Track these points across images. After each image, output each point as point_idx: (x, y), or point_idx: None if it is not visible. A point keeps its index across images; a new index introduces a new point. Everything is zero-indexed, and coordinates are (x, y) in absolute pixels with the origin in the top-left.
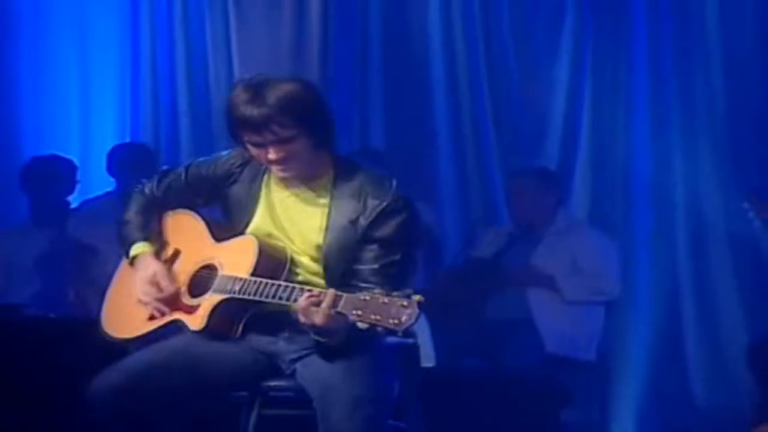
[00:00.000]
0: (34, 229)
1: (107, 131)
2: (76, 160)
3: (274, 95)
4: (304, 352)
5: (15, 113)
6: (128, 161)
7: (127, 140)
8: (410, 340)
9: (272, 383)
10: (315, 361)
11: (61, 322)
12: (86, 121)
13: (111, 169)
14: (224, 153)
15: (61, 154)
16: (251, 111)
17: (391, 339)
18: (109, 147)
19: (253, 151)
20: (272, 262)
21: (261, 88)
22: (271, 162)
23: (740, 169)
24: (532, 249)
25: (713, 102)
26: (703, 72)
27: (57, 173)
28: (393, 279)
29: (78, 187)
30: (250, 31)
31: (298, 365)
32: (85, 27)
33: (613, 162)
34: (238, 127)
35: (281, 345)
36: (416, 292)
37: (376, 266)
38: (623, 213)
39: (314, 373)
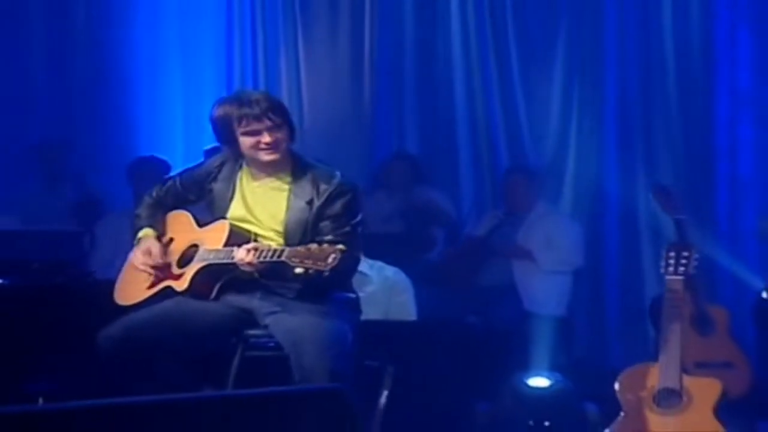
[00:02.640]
0: None
1: (204, 136)
2: (170, 160)
3: (262, 98)
4: (276, 308)
5: (134, 121)
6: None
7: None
8: (353, 295)
9: (252, 332)
10: (286, 316)
11: None
12: (188, 128)
13: None
14: (207, 160)
15: (160, 155)
16: (250, 110)
17: (339, 294)
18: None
19: (249, 141)
20: (240, 238)
21: (246, 97)
22: (263, 147)
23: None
24: (516, 229)
25: (668, 126)
26: (661, 105)
27: (153, 170)
28: (347, 246)
29: None
30: (316, 59)
31: (270, 319)
32: (191, 55)
33: (590, 166)
34: (237, 125)
35: (256, 303)
36: (432, 265)
37: (331, 237)
38: (599, 204)
39: (286, 326)
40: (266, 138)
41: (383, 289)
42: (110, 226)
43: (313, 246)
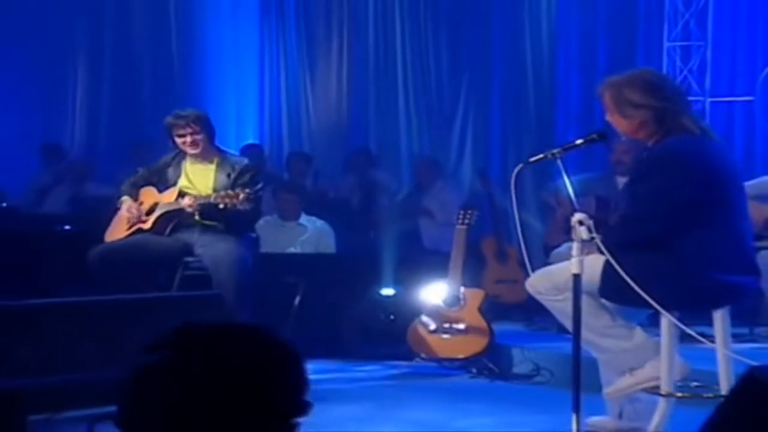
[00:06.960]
0: None
1: (247, 132)
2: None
3: (189, 115)
4: (206, 242)
5: None
6: (252, 153)
7: (257, 140)
8: (254, 235)
9: (189, 258)
10: (211, 248)
11: None
12: (239, 126)
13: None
14: (165, 156)
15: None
16: (179, 121)
17: (246, 235)
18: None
19: (179, 140)
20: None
21: (182, 113)
22: (187, 145)
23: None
24: (422, 197)
25: (528, 133)
26: (525, 120)
27: None
28: (254, 203)
29: None
30: (318, 81)
31: (201, 249)
32: (241, 80)
33: (480, 155)
34: (174, 130)
35: (195, 238)
36: (372, 219)
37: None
38: (483, 184)
39: (211, 253)
40: (188, 139)
41: (314, 234)
42: None
43: (230, 191)
